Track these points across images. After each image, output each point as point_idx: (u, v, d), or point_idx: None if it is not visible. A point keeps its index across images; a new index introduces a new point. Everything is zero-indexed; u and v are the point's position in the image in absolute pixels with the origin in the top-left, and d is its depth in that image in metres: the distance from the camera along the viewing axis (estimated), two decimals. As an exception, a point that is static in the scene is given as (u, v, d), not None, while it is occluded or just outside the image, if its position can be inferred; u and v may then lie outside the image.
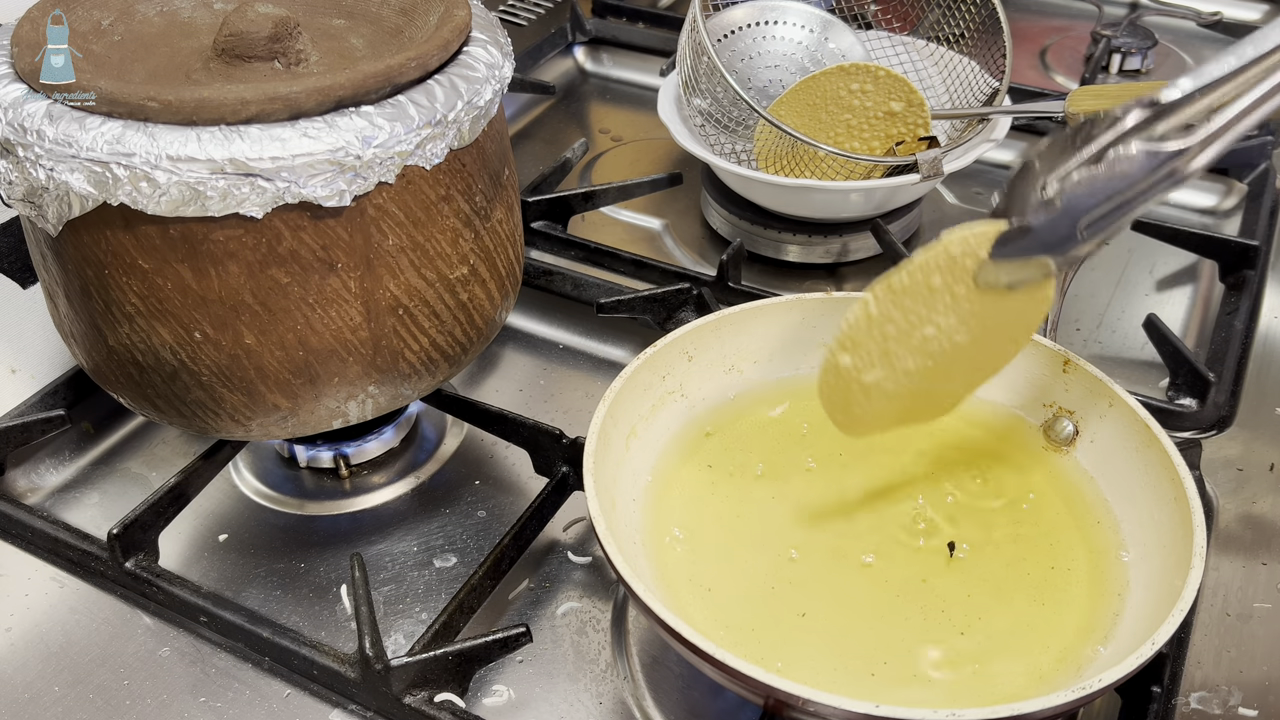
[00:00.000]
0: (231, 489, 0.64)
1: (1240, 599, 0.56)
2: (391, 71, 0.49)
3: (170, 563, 0.58)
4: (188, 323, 0.51)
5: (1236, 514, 0.60)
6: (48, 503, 0.63)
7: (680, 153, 0.88)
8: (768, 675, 0.41)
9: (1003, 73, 0.82)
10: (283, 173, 0.47)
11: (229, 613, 0.53)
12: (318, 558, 0.60)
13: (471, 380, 0.72)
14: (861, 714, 0.40)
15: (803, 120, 0.77)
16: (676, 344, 0.58)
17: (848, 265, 0.81)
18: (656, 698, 0.52)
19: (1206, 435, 0.65)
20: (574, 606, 0.57)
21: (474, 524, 0.61)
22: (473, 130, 0.53)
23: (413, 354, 0.55)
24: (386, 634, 0.54)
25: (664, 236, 0.85)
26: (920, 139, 0.76)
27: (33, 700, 0.52)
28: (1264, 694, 0.51)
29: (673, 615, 0.43)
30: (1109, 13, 1.14)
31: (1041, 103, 0.80)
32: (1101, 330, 0.75)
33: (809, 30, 0.85)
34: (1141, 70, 1.04)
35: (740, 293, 0.73)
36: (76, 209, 0.48)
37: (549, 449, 0.61)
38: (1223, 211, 0.88)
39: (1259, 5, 1.16)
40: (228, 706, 0.52)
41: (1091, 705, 0.52)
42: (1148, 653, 0.42)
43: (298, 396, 0.53)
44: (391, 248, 0.52)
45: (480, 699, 0.52)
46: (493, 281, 0.58)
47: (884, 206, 0.79)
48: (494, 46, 0.55)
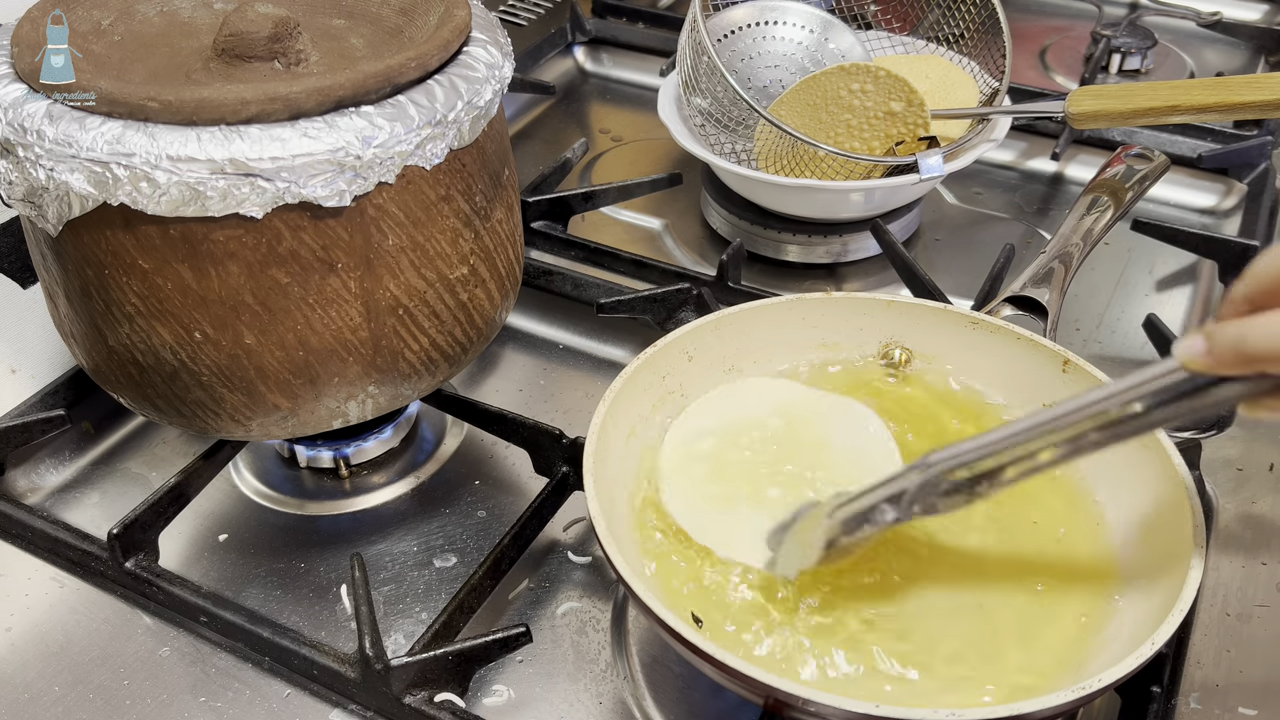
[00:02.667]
0: (231, 489, 0.64)
1: (1240, 599, 0.56)
2: (391, 71, 0.49)
3: (170, 563, 0.58)
4: (188, 323, 0.51)
5: (1236, 514, 0.60)
6: (48, 503, 0.63)
7: (680, 153, 0.88)
8: (768, 675, 0.41)
9: (1003, 73, 0.82)
10: (283, 173, 0.47)
11: (229, 613, 0.53)
12: (318, 558, 0.60)
13: (471, 380, 0.72)
14: (861, 714, 0.40)
15: (803, 120, 0.77)
16: (676, 344, 0.58)
17: (848, 265, 0.81)
18: (656, 698, 0.52)
19: (1206, 435, 0.65)
20: (574, 606, 0.57)
21: (474, 524, 0.61)
22: (473, 130, 0.53)
23: (413, 354, 0.55)
24: (386, 634, 0.54)
25: (664, 236, 0.85)
26: (920, 139, 0.76)
27: (33, 700, 0.52)
28: (1264, 694, 0.51)
29: (673, 615, 0.43)
30: (1109, 13, 1.14)
31: (1041, 103, 0.80)
32: (1101, 330, 0.75)
33: (809, 30, 0.85)
34: (1141, 70, 1.04)
35: (740, 293, 0.73)
36: (76, 209, 0.48)
37: (549, 449, 0.61)
38: (1223, 211, 0.88)
39: (1259, 5, 1.16)
40: (228, 706, 0.52)
41: (1091, 705, 0.52)
42: (1148, 653, 0.42)
43: (298, 396, 0.53)
44: (391, 248, 0.52)
45: (480, 699, 0.52)
46: (493, 281, 0.58)
47: (884, 206, 0.79)
48: (494, 46, 0.55)
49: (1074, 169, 0.92)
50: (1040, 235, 0.85)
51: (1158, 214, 0.83)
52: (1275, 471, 0.62)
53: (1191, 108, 0.70)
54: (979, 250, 0.83)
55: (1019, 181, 0.92)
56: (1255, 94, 0.68)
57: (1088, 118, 0.73)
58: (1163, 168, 0.76)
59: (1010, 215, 0.87)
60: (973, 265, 0.80)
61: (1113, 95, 0.73)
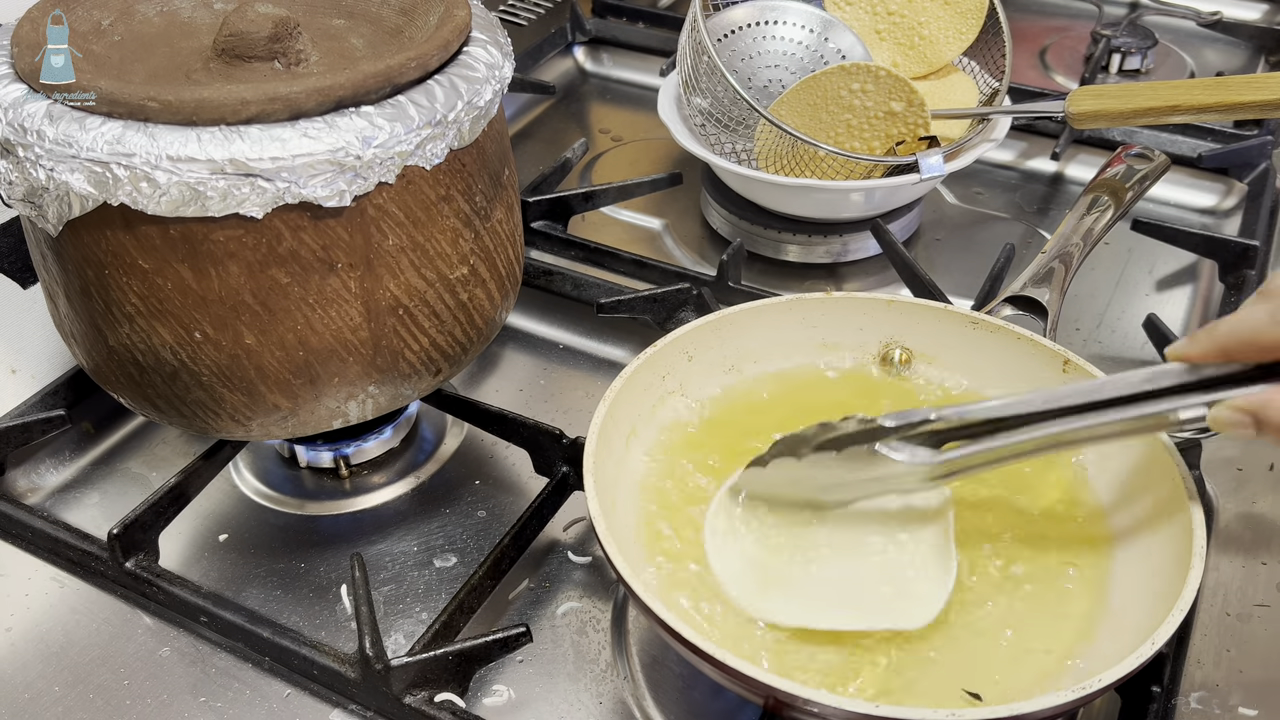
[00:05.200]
0: (231, 489, 0.64)
1: (1240, 599, 0.55)
2: (391, 71, 0.49)
3: (170, 563, 0.58)
4: (188, 323, 0.51)
5: (1236, 514, 0.60)
6: (48, 503, 0.63)
7: (680, 152, 0.88)
8: (768, 675, 0.41)
9: (1003, 73, 0.82)
10: (283, 173, 0.47)
11: (229, 613, 0.53)
12: (318, 558, 0.60)
13: (471, 380, 0.72)
14: (861, 714, 0.40)
15: (803, 120, 0.77)
16: (676, 344, 0.58)
17: (848, 265, 0.81)
18: (656, 698, 0.52)
19: (1206, 435, 0.65)
20: (574, 606, 0.57)
21: (474, 524, 0.61)
22: (473, 130, 0.53)
23: (413, 354, 0.55)
24: (386, 634, 0.54)
25: (664, 236, 0.85)
26: (920, 139, 0.76)
27: (33, 700, 0.52)
28: (1264, 694, 0.51)
29: (673, 615, 0.43)
30: (1109, 13, 1.14)
31: (1041, 103, 0.80)
32: (1101, 330, 0.75)
33: (809, 30, 0.85)
34: (1141, 70, 1.04)
35: (740, 293, 0.73)
36: (76, 209, 0.48)
37: (549, 449, 0.61)
38: (1223, 211, 0.88)
39: (1259, 5, 1.16)
40: (228, 706, 0.52)
41: (1091, 705, 0.52)
42: (1148, 653, 0.42)
43: (298, 396, 0.53)
44: (391, 248, 0.52)
45: (480, 699, 0.52)
46: (493, 281, 0.58)
47: (884, 206, 0.79)
48: (494, 46, 0.55)
49: (1074, 169, 0.92)
50: (1040, 235, 0.85)
51: (1158, 214, 0.83)
52: (1275, 471, 0.62)
53: (1191, 108, 0.70)
54: (979, 250, 0.83)
55: (1019, 181, 0.92)
56: (1255, 94, 0.68)
57: (1088, 118, 0.73)
58: (1163, 167, 0.76)
59: (1010, 215, 0.87)
60: (973, 265, 0.80)
61: (1113, 95, 0.73)
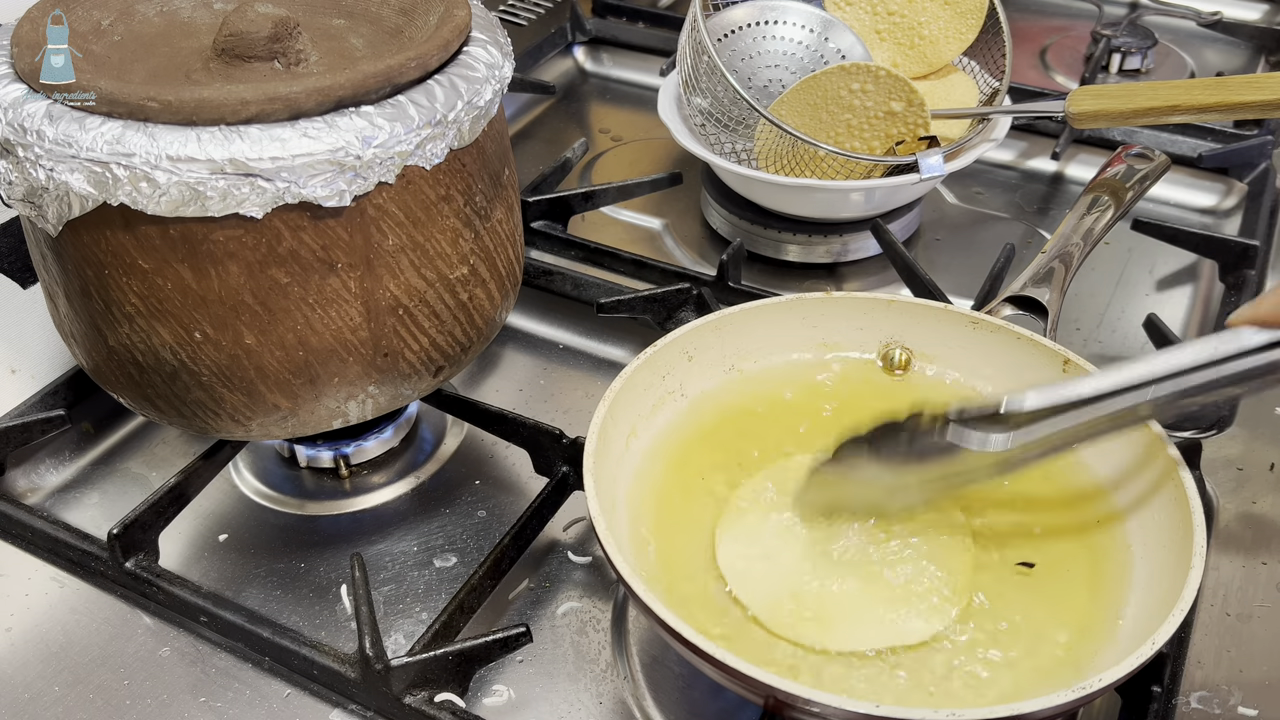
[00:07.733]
0: (231, 489, 0.64)
1: (1240, 599, 0.56)
2: (391, 71, 0.49)
3: (170, 563, 0.58)
4: (188, 323, 0.51)
5: (1236, 514, 0.60)
6: (48, 503, 0.63)
7: (680, 152, 0.88)
8: (768, 675, 0.41)
9: (1003, 72, 0.82)
10: (283, 173, 0.47)
11: (229, 613, 0.53)
12: (318, 558, 0.60)
13: (471, 380, 0.72)
14: (862, 714, 0.40)
15: (803, 120, 0.77)
16: (676, 344, 0.58)
17: (848, 265, 0.81)
18: (656, 698, 0.52)
19: (1206, 435, 0.65)
20: (574, 606, 0.57)
21: (474, 524, 0.61)
22: (473, 130, 0.53)
23: (413, 354, 0.55)
24: (386, 634, 0.54)
25: (664, 236, 0.85)
26: (920, 139, 0.76)
27: (33, 700, 0.52)
28: (1264, 694, 0.51)
29: (673, 615, 0.43)
30: (1109, 12, 1.14)
31: (1041, 102, 0.80)
32: (1101, 330, 0.75)
33: (809, 30, 0.85)
34: (1141, 70, 1.04)
35: (740, 292, 0.73)
36: (76, 209, 0.48)
37: (549, 449, 0.61)
38: (1223, 211, 0.88)
39: (1259, 5, 1.16)
40: (228, 706, 0.52)
41: (1091, 705, 0.52)
42: (1148, 652, 0.42)
43: (298, 396, 0.53)
44: (391, 248, 0.52)
45: (480, 699, 0.52)
46: (493, 281, 0.58)
47: (884, 206, 0.79)
48: (494, 46, 0.55)
49: (1074, 169, 0.92)
50: (1040, 235, 0.85)
51: (1158, 214, 0.83)
52: (1275, 471, 0.63)
53: (1191, 108, 0.70)
54: (979, 250, 0.83)
55: (1019, 181, 0.92)
56: (1255, 94, 0.68)
57: (1088, 117, 0.73)
58: (1163, 167, 0.76)
59: (1010, 215, 0.87)
60: (973, 265, 0.80)
61: (1113, 95, 0.73)
